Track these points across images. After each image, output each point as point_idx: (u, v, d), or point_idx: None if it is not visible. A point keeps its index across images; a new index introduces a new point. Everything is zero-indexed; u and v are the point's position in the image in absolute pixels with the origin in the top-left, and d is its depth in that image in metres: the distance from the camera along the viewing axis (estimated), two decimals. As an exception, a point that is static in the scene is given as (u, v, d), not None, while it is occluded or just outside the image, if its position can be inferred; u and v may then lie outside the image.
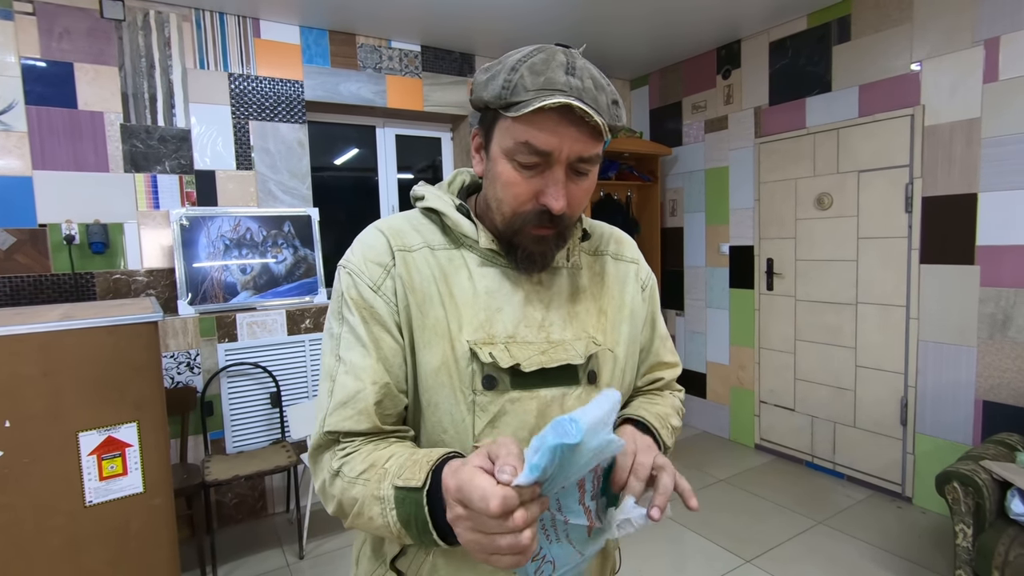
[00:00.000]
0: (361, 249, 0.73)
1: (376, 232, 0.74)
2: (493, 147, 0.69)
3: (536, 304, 0.74)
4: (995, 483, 2.04)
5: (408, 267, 0.71)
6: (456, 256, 0.74)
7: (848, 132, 3.04)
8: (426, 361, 0.69)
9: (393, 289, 0.70)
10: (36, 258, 2.50)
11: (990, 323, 2.55)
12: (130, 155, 2.68)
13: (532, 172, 0.66)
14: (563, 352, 0.72)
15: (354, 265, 0.71)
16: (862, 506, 2.91)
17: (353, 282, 0.70)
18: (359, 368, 0.67)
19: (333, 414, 0.67)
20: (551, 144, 0.64)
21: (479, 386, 0.69)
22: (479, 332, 0.70)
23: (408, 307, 0.70)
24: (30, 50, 2.46)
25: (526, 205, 0.68)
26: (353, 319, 0.69)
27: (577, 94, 0.63)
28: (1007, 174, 2.47)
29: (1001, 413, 2.54)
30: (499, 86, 0.65)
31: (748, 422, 3.73)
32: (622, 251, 0.87)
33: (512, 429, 0.70)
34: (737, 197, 3.69)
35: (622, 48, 3.69)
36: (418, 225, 0.76)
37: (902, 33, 2.80)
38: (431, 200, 0.75)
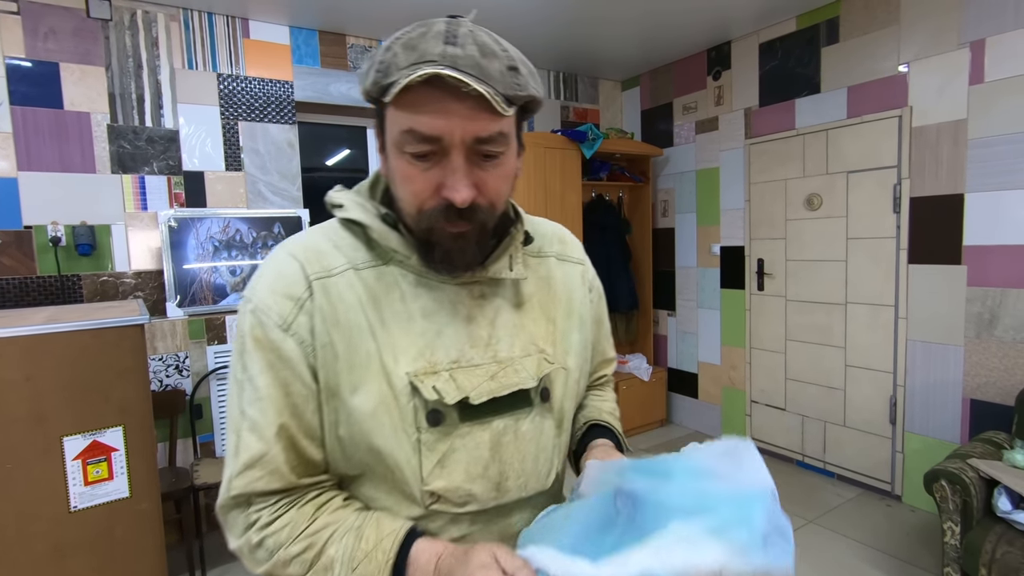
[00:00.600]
0: (268, 280, 0.62)
1: (287, 257, 0.63)
2: (388, 145, 0.60)
3: (480, 321, 0.66)
4: (982, 481, 2.06)
5: (330, 297, 0.61)
6: (386, 274, 0.64)
7: (837, 133, 3.06)
8: (360, 404, 0.60)
9: (309, 327, 0.60)
10: (21, 260, 2.47)
11: (977, 322, 2.57)
12: (117, 156, 2.65)
13: (428, 163, 0.57)
14: (513, 375, 0.65)
15: (259, 300, 0.61)
16: (852, 504, 2.93)
17: (257, 320, 0.60)
18: (262, 426, 0.59)
19: (240, 476, 0.59)
20: (437, 127, 0.55)
21: (423, 423, 0.61)
22: (418, 361, 0.62)
23: (330, 345, 0.60)
24: (14, 50, 2.43)
25: (429, 202, 0.59)
26: (255, 366, 0.60)
27: (450, 62, 0.53)
28: (993, 175, 2.49)
29: (988, 411, 2.56)
30: (374, 71, 0.56)
31: (739, 422, 3.75)
32: (567, 251, 0.80)
33: (464, 466, 0.63)
34: (728, 198, 3.70)
35: (613, 49, 3.70)
36: (338, 241, 0.65)
37: (890, 35, 2.82)
38: (351, 209, 0.65)
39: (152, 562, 1.54)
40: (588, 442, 0.77)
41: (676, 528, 0.47)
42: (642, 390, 4.00)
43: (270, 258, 0.65)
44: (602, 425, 0.81)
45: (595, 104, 4.34)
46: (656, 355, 4.31)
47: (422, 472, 0.62)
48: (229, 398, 0.63)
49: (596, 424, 0.81)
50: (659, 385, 4.12)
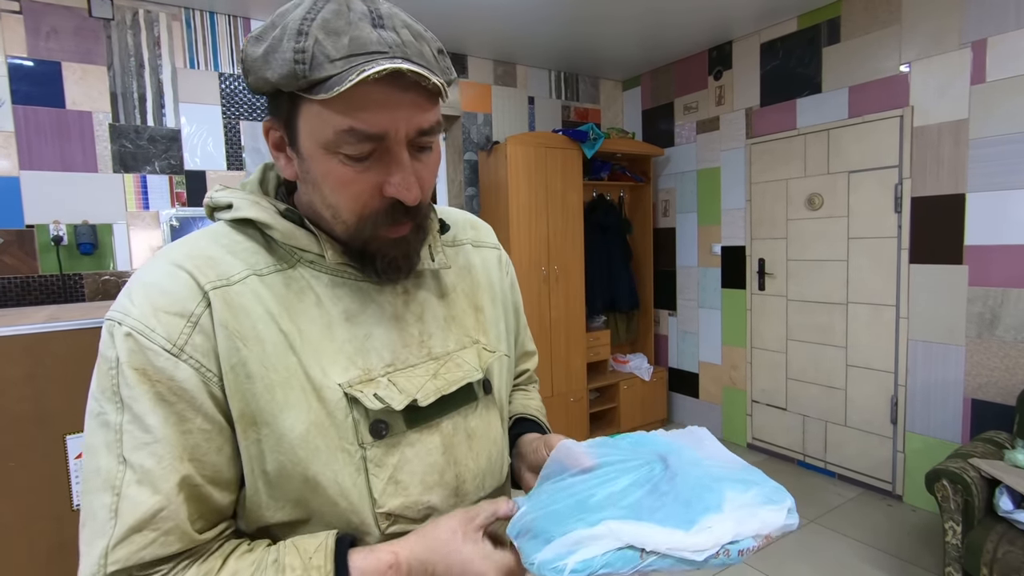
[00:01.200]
0: (147, 295, 0.51)
1: (170, 267, 0.53)
2: (304, 142, 0.53)
3: (409, 319, 0.61)
4: (984, 481, 2.06)
5: (233, 308, 0.52)
6: (294, 278, 0.56)
7: (838, 133, 3.06)
8: (289, 428, 0.52)
9: (209, 347, 0.51)
10: (23, 259, 2.47)
11: (978, 322, 2.57)
12: (119, 155, 2.65)
13: (367, 162, 0.52)
14: (456, 370, 0.62)
15: (136, 320, 0.50)
16: (853, 504, 2.93)
17: (137, 346, 0.49)
18: (157, 475, 0.48)
19: (121, 545, 0.46)
20: (383, 125, 0.50)
21: (367, 438, 0.55)
22: (351, 370, 0.55)
23: (241, 365, 0.51)
24: (17, 49, 2.44)
25: (371, 204, 0.54)
26: (139, 403, 0.49)
27: (401, 52, 0.49)
28: (994, 175, 2.49)
29: (989, 411, 2.56)
30: (288, 60, 0.48)
31: (740, 422, 3.75)
32: (481, 237, 0.76)
33: (419, 478, 0.57)
34: (729, 197, 3.70)
35: (614, 49, 3.70)
36: (231, 245, 0.56)
37: (891, 35, 2.82)
38: (244, 208, 0.56)
39: (154, 561, 1.54)
40: (516, 435, 0.74)
41: (734, 497, 0.51)
42: (643, 390, 4.00)
43: (145, 271, 0.53)
44: (528, 419, 0.77)
45: (596, 104, 4.34)
46: (657, 355, 4.31)
47: (373, 494, 0.55)
48: (90, 453, 0.49)
49: (522, 418, 0.77)
50: (660, 385, 4.12)
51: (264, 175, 0.63)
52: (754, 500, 0.51)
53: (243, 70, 0.54)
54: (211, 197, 0.60)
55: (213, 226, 0.59)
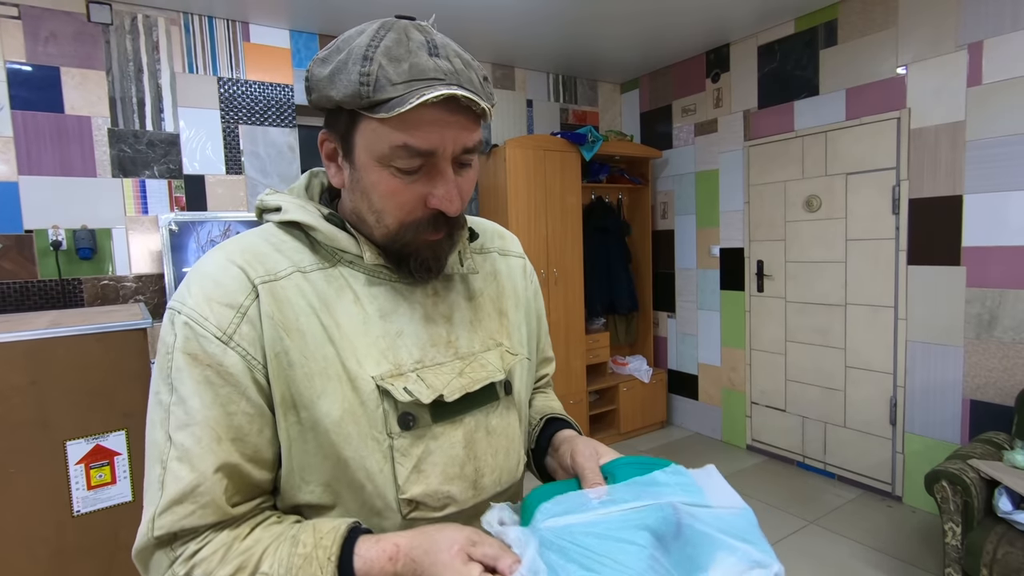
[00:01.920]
0: (202, 287, 0.57)
1: (224, 261, 0.58)
2: (359, 154, 0.58)
3: (438, 319, 0.66)
4: (983, 482, 2.06)
5: (278, 302, 0.57)
6: (335, 276, 0.62)
7: (836, 135, 3.08)
8: (325, 413, 0.57)
9: (255, 336, 0.56)
10: (22, 264, 2.47)
11: (976, 323, 2.58)
12: (118, 160, 2.65)
13: (415, 176, 0.57)
14: (480, 370, 0.65)
15: (191, 309, 0.55)
16: (852, 505, 2.93)
17: (192, 333, 0.55)
18: (195, 455, 0.53)
19: (165, 513, 0.52)
20: (434, 142, 0.55)
21: (395, 428, 0.59)
22: (383, 364, 0.60)
23: (284, 354, 0.57)
24: (15, 54, 2.44)
25: (414, 213, 0.59)
26: (187, 385, 0.54)
27: (455, 79, 0.54)
28: (991, 176, 2.50)
29: (988, 412, 2.57)
30: (354, 82, 0.53)
31: (740, 423, 3.75)
32: (508, 246, 0.81)
33: (440, 468, 0.61)
34: (727, 200, 3.71)
35: (613, 52, 3.71)
36: (279, 244, 0.62)
37: (888, 37, 2.83)
38: (291, 211, 0.62)
39: (155, 566, 1.54)
40: (550, 435, 0.76)
41: (723, 559, 0.52)
42: (642, 392, 4.00)
43: (202, 264, 0.59)
44: (558, 418, 0.80)
45: (594, 106, 4.35)
46: (656, 357, 4.31)
47: (397, 480, 0.59)
48: (151, 426, 0.55)
49: (552, 418, 0.80)
50: (659, 387, 4.12)
51: (310, 182, 0.70)
52: (740, 564, 0.52)
53: (307, 88, 0.60)
54: (262, 200, 0.66)
55: (263, 226, 0.65)
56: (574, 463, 0.64)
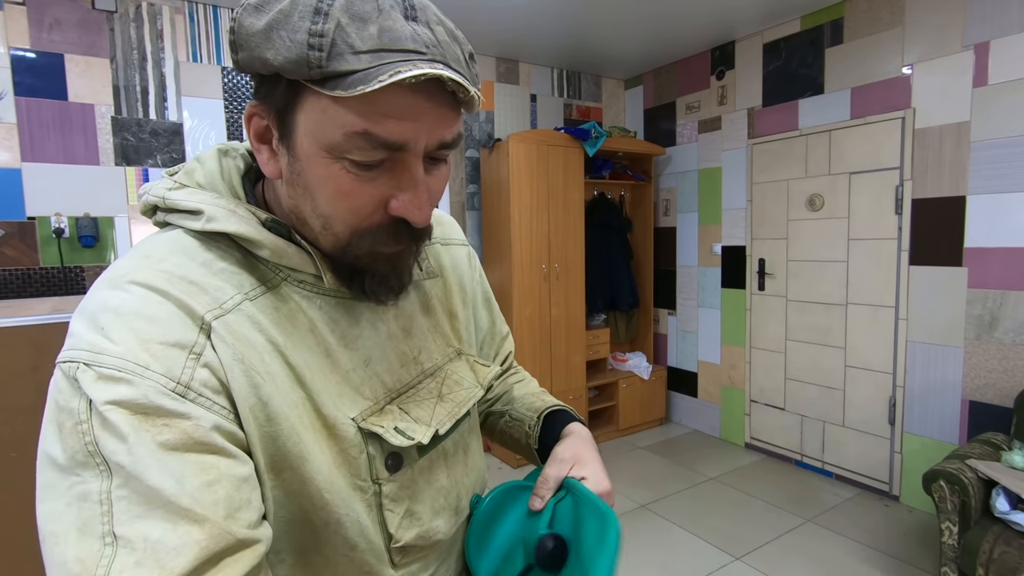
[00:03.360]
0: (129, 327, 0.40)
1: (147, 292, 0.42)
2: (301, 140, 0.44)
3: (399, 334, 0.56)
4: (980, 482, 2.07)
5: (240, 340, 0.44)
6: (283, 299, 0.48)
7: (840, 134, 3.07)
8: (315, 471, 0.46)
9: (218, 386, 0.42)
10: (25, 251, 2.47)
11: (977, 324, 2.59)
12: (121, 148, 2.65)
13: (374, 172, 0.44)
14: (457, 387, 0.58)
15: (118, 359, 0.39)
16: (850, 504, 2.94)
17: (128, 389, 0.38)
18: (169, 547, 0.36)
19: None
20: (406, 134, 0.43)
21: (382, 473, 0.51)
22: (359, 402, 0.50)
23: (261, 407, 0.44)
24: (20, 40, 2.43)
25: (371, 219, 0.46)
26: (138, 457, 0.37)
27: (439, 54, 0.42)
28: (995, 177, 2.50)
29: (987, 413, 2.57)
30: (300, 43, 0.40)
31: (739, 421, 3.76)
32: (448, 234, 0.70)
33: (429, 505, 0.55)
34: (730, 197, 3.71)
35: (617, 48, 3.70)
36: (208, 263, 0.46)
37: (894, 36, 2.82)
38: (220, 218, 0.46)
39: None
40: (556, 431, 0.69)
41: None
42: (642, 388, 4.01)
43: (111, 300, 0.42)
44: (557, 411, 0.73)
45: (598, 102, 4.34)
46: (656, 354, 4.32)
47: (388, 529, 0.51)
48: (50, 541, 0.37)
49: (550, 413, 0.72)
50: (659, 384, 4.13)
51: (221, 164, 0.52)
52: None
53: (232, 42, 0.44)
54: (164, 197, 0.48)
55: (172, 236, 0.47)
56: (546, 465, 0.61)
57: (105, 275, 0.44)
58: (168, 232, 0.49)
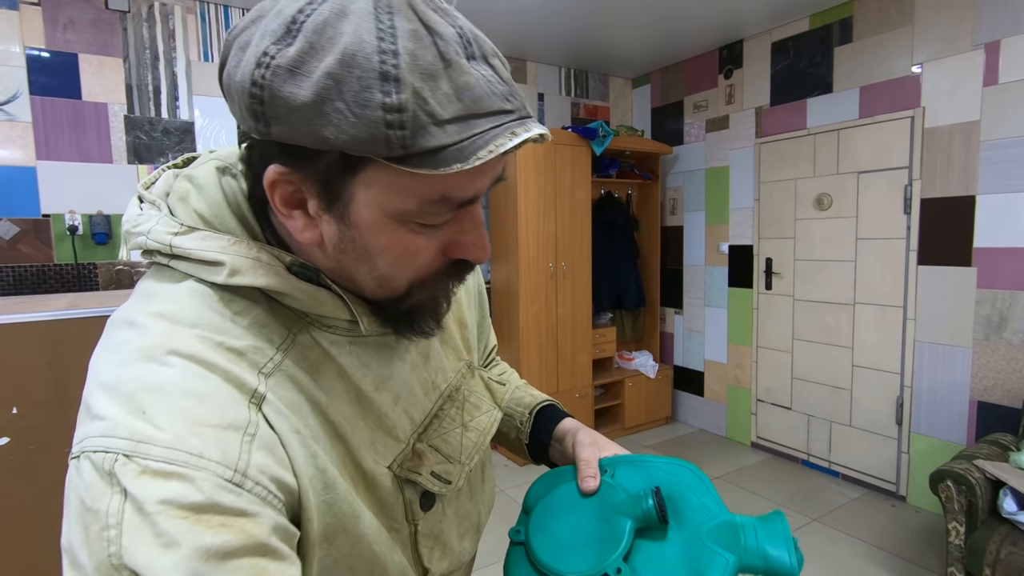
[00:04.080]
0: (176, 407, 0.35)
1: (190, 365, 0.37)
2: (359, 209, 0.38)
3: (419, 362, 0.53)
4: (988, 482, 2.06)
5: (290, 406, 0.41)
6: (308, 347, 0.44)
7: (848, 133, 3.06)
8: (366, 527, 0.44)
9: (273, 464, 0.37)
10: (39, 248, 2.51)
11: (986, 324, 2.57)
12: (134, 147, 2.68)
13: (441, 228, 0.42)
14: (477, 413, 0.57)
15: (166, 449, 0.34)
16: (856, 504, 2.94)
17: (177, 486, 0.33)
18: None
19: None
20: (479, 187, 0.40)
21: (418, 514, 0.50)
22: (391, 446, 0.48)
23: (319, 475, 0.41)
24: (35, 40, 2.47)
25: (431, 267, 0.44)
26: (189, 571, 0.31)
27: (520, 106, 0.38)
28: (1005, 177, 2.49)
29: (995, 414, 2.56)
30: (375, 120, 0.33)
31: (745, 420, 3.76)
32: None
33: (456, 530, 0.55)
34: (737, 197, 3.70)
35: (624, 46, 3.70)
36: (236, 317, 0.41)
37: (903, 35, 2.81)
38: (246, 272, 0.41)
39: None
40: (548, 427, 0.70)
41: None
42: (648, 387, 4.01)
43: (155, 373, 0.36)
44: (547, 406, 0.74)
45: (605, 101, 4.34)
46: (662, 353, 4.32)
47: (423, 562, 0.51)
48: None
49: (543, 408, 0.73)
50: (665, 383, 4.13)
51: (223, 188, 0.44)
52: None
53: (256, 112, 0.35)
54: (171, 245, 0.41)
55: (190, 288, 0.41)
56: (575, 455, 0.61)
57: (133, 343, 0.38)
58: (185, 283, 0.42)
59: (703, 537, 0.52)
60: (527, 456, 0.74)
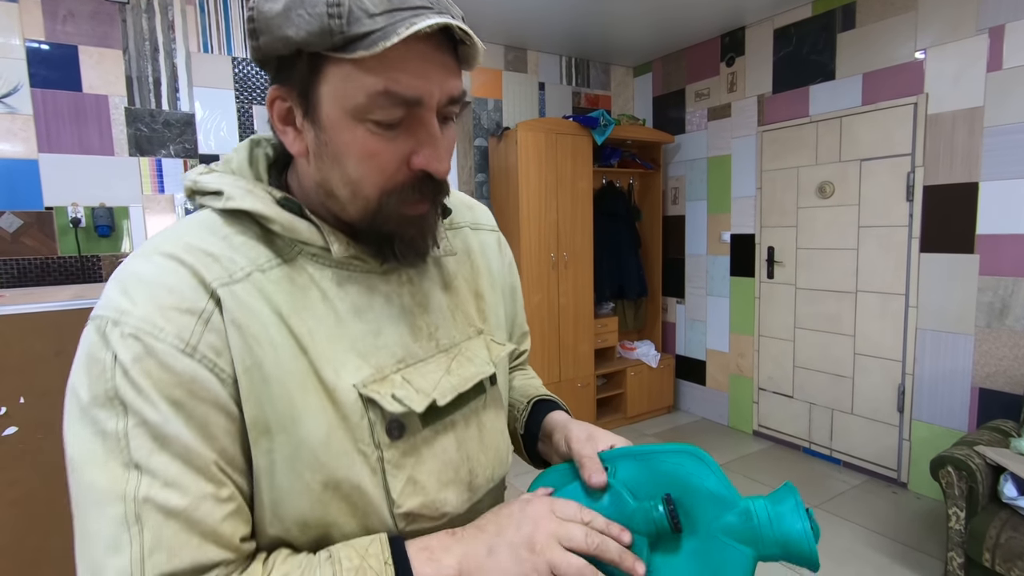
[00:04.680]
0: (149, 293, 0.46)
1: (168, 261, 0.48)
2: (326, 110, 0.48)
3: (415, 310, 0.58)
4: (988, 468, 2.07)
5: (242, 308, 0.48)
6: (297, 272, 0.52)
7: (851, 120, 3.05)
8: (308, 433, 0.49)
9: (221, 347, 0.47)
10: (43, 240, 2.52)
11: (988, 311, 2.57)
12: (135, 139, 2.69)
13: (395, 131, 0.49)
14: (468, 364, 0.60)
15: (140, 320, 0.45)
16: (858, 491, 2.95)
17: (144, 347, 0.44)
18: (182, 480, 0.44)
19: (157, 552, 0.42)
20: (420, 88, 0.47)
21: (383, 438, 0.52)
22: (363, 369, 0.52)
23: (256, 368, 0.48)
24: (35, 32, 2.47)
25: (396, 177, 0.50)
26: (152, 408, 0.44)
27: (444, 8, 0.47)
28: (1009, 163, 2.48)
29: (997, 400, 2.57)
30: (320, 14, 0.44)
31: (747, 409, 3.77)
32: (479, 219, 0.74)
33: (436, 476, 0.56)
34: (739, 185, 3.70)
35: (625, 34, 3.68)
36: (228, 237, 0.51)
37: (907, 21, 2.79)
38: (237, 197, 0.51)
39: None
40: (539, 418, 0.72)
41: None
42: (650, 377, 4.03)
43: (138, 267, 0.48)
44: (544, 400, 0.76)
45: (607, 90, 4.32)
46: (664, 342, 4.33)
47: (391, 494, 0.53)
48: (79, 467, 0.44)
49: (539, 400, 0.75)
50: (667, 372, 4.14)
51: (252, 153, 0.58)
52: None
53: (251, 30, 0.48)
54: (195, 180, 0.54)
55: (201, 215, 0.54)
56: (570, 450, 0.61)
57: (140, 247, 0.51)
58: (200, 212, 0.55)
59: (718, 534, 0.52)
60: (521, 445, 0.74)
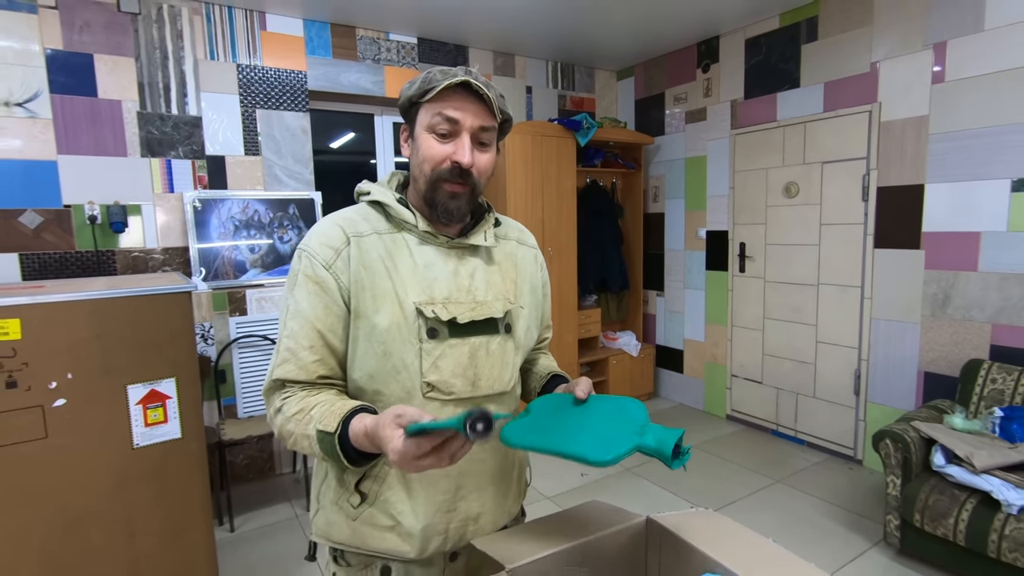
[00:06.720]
0: (318, 236, 0.89)
1: (331, 223, 0.90)
2: (417, 130, 0.88)
3: (463, 274, 0.92)
4: (923, 440, 2.33)
5: (361, 249, 0.87)
6: (399, 239, 0.91)
7: (814, 126, 3.28)
8: (379, 322, 0.86)
9: (344, 268, 0.86)
10: (62, 236, 2.71)
11: (932, 302, 2.83)
12: (146, 141, 2.87)
13: (447, 140, 0.86)
14: (487, 309, 0.92)
15: (312, 249, 0.87)
16: (818, 468, 3.21)
17: (309, 263, 0.86)
18: (298, 334, 0.85)
19: (279, 367, 0.85)
20: (458, 113, 0.85)
21: (424, 336, 0.87)
22: (421, 296, 0.88)
23: (360, 281, 0.86)
24: (53, 42, 2.64)
25: (442, 164, 0.86)
26: (300, 292, 0.86)
27: (474, 77, 0.85)
28: (950, 167, 2.72)
29: (939, 383, 2.83)
30: (419, 84, 0.87)
31: (720, 395, 4.02)
32: (525, 239, 1.08)
33: (450, 368, 0.88)
34: (714, 185, 3.93)
35: (609, 40, 3.89)
36: (366, 215, 0.92)
37: (863, 35, 3.03)
38: (376, 194, 0.93)
39: (198, 494, 1.81)
40: (555, 385, 1.02)
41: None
42: (631, 365, 4.27)
43: (319, 224, 0.92)
44: (559, 376, 1.06)
45: (591, 93, 4.53)
46: (645, 332, 4.57)
47: (422, 369, 0.87)
48: (280, 318, 0.90)
49: (556, 375, 1.06)
50: (647, 361, 4.38)
51: (391, 177, 1.00)
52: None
53: (401, 102, 0.92)
54: (359, 188, 0.97)
55: (359, 205, 0.96)
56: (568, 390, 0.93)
57: (328, 216, 0.93)
58: (359, 203, 0.97)
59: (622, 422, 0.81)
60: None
